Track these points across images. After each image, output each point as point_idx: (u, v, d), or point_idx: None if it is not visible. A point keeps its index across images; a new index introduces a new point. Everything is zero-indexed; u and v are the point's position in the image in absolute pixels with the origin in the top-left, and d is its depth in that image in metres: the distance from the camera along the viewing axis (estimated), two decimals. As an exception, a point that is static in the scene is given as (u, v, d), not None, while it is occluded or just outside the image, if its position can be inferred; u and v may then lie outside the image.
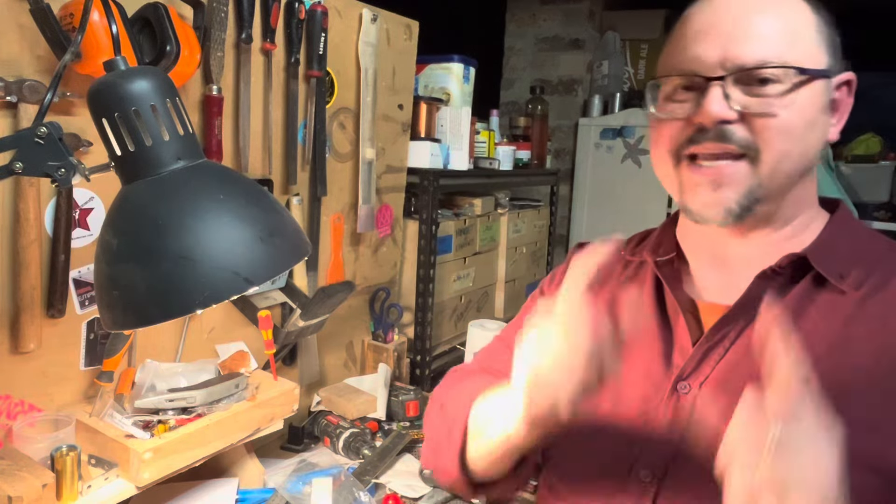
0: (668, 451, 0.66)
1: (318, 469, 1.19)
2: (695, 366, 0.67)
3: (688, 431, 0.65)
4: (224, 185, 0.59)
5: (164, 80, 0.59)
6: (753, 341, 0.50)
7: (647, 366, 0.70)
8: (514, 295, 2.16)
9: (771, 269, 0.65)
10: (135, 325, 0.55)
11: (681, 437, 0.66)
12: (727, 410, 0.63)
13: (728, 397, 0.63)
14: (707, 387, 0.66)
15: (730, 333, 0.66)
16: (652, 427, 0.67)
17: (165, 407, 0.99)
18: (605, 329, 0.56)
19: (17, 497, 0.79)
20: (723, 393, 0.64)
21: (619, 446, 0.69)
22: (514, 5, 2.99)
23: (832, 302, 0.64)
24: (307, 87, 1.31)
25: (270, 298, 1.29)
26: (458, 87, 1.84)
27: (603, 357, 0.56)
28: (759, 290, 0.65)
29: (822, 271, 0.64)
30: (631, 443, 0.68)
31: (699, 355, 0.67)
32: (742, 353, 0.65)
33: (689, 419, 0.66)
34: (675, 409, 0.66)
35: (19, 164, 0.59)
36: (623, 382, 0.70)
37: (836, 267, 0.65)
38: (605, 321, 0.56)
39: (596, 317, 0.56)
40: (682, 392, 0.67)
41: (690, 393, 0.66)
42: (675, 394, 0.67)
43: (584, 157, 2.85)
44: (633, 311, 0.74)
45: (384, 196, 1.60)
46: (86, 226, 0.99)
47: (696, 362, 0.67)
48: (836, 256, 0.66)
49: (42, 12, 0.83)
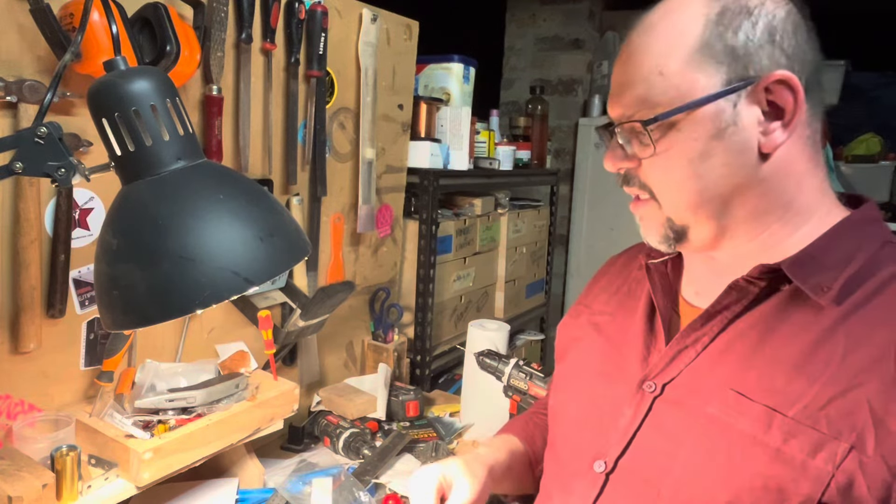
0: (621, 446, 0.68)
1: (318, 469, 1.19)
2: (663, 366, 0.68)
3: (641, 430, 0.67)
4: (224, 185, 0.59)
5: (164, 80, 0.59)
6: None
7: (629, 364, 0.73)
8: (514, 295, 2.16)
9: (744, 279, 0.64)
10: (135, 325, 0.55)
11: (634, 434, 0.68)
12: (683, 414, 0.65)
13: (689, 400, 0.65)
14: (671, 388, 0.67)
15: (702, 338, 0.67)
16: (616, 422, 0.70)
17: (165, 407, 0.99)
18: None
19: (17, 497, 0.79)
20: (685, 396, 0.65)
21: (589, 437, 0.73)
22: (514, 5, 2.99)
23: (808, 317, 0.61)
24: (307, 87, 1.31)
25: (270, 298, 1.29)
26: (458, 87, 1.84)
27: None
28: (729, 299, 0.65)
29: (798, 283, 0.61)
30: (598, 434, 0.71)
31: (668, 357, 0.68)
32: (713, 357, 0.65)
33: (645, 418, 0.68)
34: (637, 406, 0.69)
35: (19, 164, 0.59)
36: (607, 378, 0.75)
37: (821, 278, 0.61)
38: None
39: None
40: (646, 390, 0.68)
41: (653, 392, 0.68)
42: (640, 391, 0.69)
43: (584, 157, 2.85)
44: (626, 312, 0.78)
45: (384, 196, 1.60)
46: (86, 226, 0.99)
47: (665, 363, 0.68)
48: (823, 266, 0.62)
49: (42, 12, 0.83)
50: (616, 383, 0.72)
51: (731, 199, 0.64)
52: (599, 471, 0.69)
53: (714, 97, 0.61)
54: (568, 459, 0.76)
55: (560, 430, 0.80)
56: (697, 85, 0.62)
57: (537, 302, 2.38)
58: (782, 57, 0.61)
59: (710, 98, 0.61)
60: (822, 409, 0.56)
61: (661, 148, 0.63)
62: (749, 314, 0.65)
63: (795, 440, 0.56)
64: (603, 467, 0.69)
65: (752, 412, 0.59)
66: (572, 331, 0.86)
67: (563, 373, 0.85)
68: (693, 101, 0.61)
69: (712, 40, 0.61)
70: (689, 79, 0.62)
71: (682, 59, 0.62)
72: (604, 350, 0.78)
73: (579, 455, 0.73)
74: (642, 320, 0.74)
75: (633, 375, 0.71)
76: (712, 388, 0.63)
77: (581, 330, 0.84)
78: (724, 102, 0.61)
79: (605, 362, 0.76)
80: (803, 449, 0.56)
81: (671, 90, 0.62)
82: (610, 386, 0.73)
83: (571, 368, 0.83)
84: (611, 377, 0.74)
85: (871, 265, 0.62)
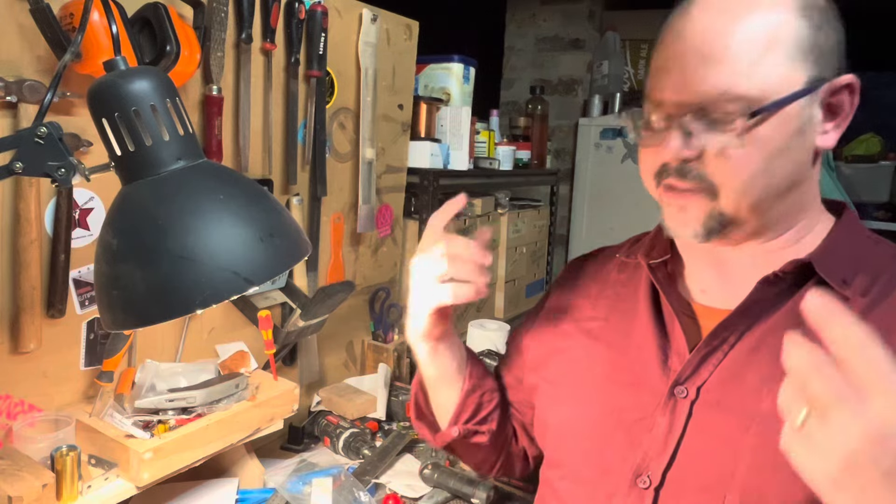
0: (666, 457, 0.65)
1: (318, 469, 1.19)
2: (692, 370, 0.66)
3: (686, 437, 0.65)
4: (224, 185, 0.59)
5: (164, 80, 0.59)
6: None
7: (645, 370, 0.70)
8: (514, 295, 2.16)
9: (774, 275, 0.64)
10: (135, 325, 0.55)
11: (678, 443, 0.65)
12: (732, 415, 0.62)
13: (733, 401, 0.63)
14: (706, 391, 0.65)
15: (729, 338, 0.66)
16: (650, 432, 0.67)
17: (165, 407, 0.99)
18: (458, 250, 0.69)
19: (17, 497, 0.79)
20: (726, 396, 0.64)
21: (617, 453, 0.69)
22: (514, 5, 2.99)
23: None
24: (307, 87, 1.31)
25: (270, 298, 1.29)
26: (458, 87, 1.84)
27: (455, 275, 0.69)
28: (760, 295, 0.65)
29: (825, 277, 0.63)
30: (629, 449, 0.68)
31: (697, 360, 0.67)
32: (743, 356, 0.65)
33: (687, 424, 0.65)
34: (673, 413, 0.66)
35: (19, 164, 0.59)
36: (622, 387, 0.71)
37: (840, 273, 0.63)
38: (458, 244, 0.70)
39: (450, 241, 0.69)
40: (679, 396, 0.66)
41: (688, 397, 0.66)
42: (672, 398, 0.66)
43: (584, 157, 2.85)
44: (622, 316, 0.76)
45: (384, 196, 1.60)
46: (86, 226, 0.99)
47: (694, 366, 0.66)
48: (840, 262, 0.64)
49: (42, 12, 0.83)
50: (637, 392, 0.70)
51: (784, 195, 0.65)
52: (644, 487, 0.66)
53: (802, 94, 0.61)
54: (597, 479, 0.71)
55: (572, 448, 0.75)
56: (790, 80, 0.60)
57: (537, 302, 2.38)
58: (843, 60, 0.63)
59: (798, 94, 0.60)
60: None
61: (746, 139, 0.61)
62: (776, 310, 0.65)
63: None
64: (648, 483, 0.66)
65: None
66: (552, 340, 0.82)
67: (552, 382, 0.81)
68: (786, 96, 0.60)
69: (805, 36, 0.61)
70: (784, 73, 0.60)
71: (788, 46, 0.60)
72: (607, 357, 0.75)
73: (612, 473, 0.69)
74: (649, 323, 0.72)
75: (655, 382, 0.68)
76: (754, 385, 0.62)
77: (566, 338, 0.80)
78: (806, 101, 0.61)
79: (614, 370, 0.73)
80: None
81: (764, 83, 0.60)
82: (630, 395, 0.70)
83: (565, 378, 0.79)
84: (628, 385, 0.71)
85: (877, 262, 0.65)
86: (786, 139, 0.61)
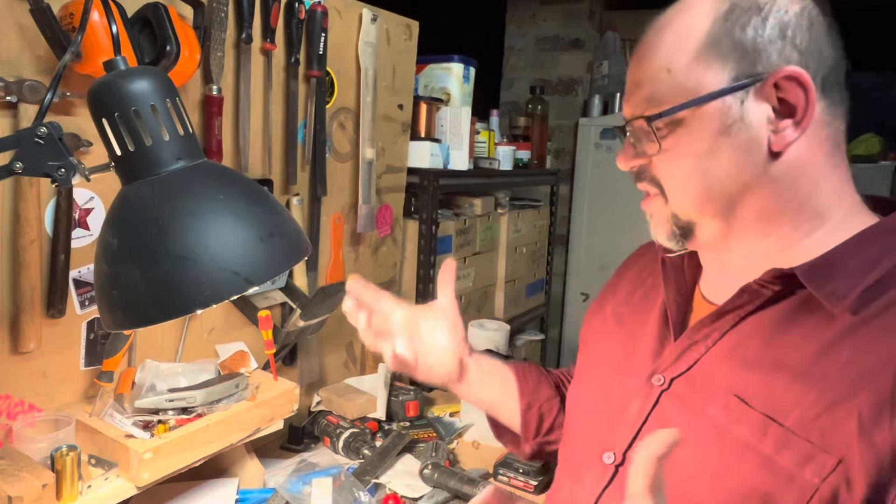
0: (629, 438, 0.69)
1: (318, 469, 1.19)
2: (672, 361, 0.68)
3: (647, 423, 0.68)
4: (224, 185, 0.59)
5: (164, 80, 0.59)
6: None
7: (641, 357, 0.73)
8: (514, 295, 2.16)
9: (756, 283, 0.63)
10: (135, 325, 0.55)
11: (640, 426, 0.69)
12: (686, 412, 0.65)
13: (692, 398, 0.65)
14: (678, 383, 0.67)
15: (711, 335, 0.66)
16: (625, 414, 0.71)
17: (165, 407, 0.99)
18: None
19: (17, 497, 0.79)
20: (690, 392, 0.66)
21: (600, 428, 0.74)
22: (514, 5, 2.99)
23: (818, 324, 0.59)
24: (307, 87, 1.31)
25: (270, 298, 1.29)
26: (458, 87, 1.84)
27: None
28: (739, 300, 0.64)
29: (811, 290, 0.59)
30: (608, 426, 0.72)
31: (678, 351, 0.68)
32: (718, 358, 0.65)
33: (652, 411, 0.68)
34: (645, 399, 0.69)
35: (19, 164, 0.59)
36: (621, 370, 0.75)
37: (837, 285, 0.59)
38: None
39: None
40: (655, 384, 0.69)
41: (661, 386, 0.68)
42: (648, 384, 0.69)
43: (584, 157, 2.85)
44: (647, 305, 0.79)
45: (384, 196, 1.60)
46: (86, 226, 0.99)
47: (675, 357, 0.68)
48: (843, 273, 0.59)
49: (42, 12, 0.83)
50: (629, 376, 0.73)
51: (739, 197, 0.63)
52: (609, 462, 0.70)
53: (719, 94, 0.60)
54: (580, 449, 0.77)
55: (574, 420, 0.81)
56: (704, 81, 0.61)
57: (537, 302, 2.39)
58: (794, 53, 0.59)
59: (715, 94, 0.60)
60: (816, 418, 0.56)
61: (667, 144, 0.64)
62: (759, 315, 0.64)
63: (787, 451, 0.56)
64: (612, 459, 0.70)
65: (750, 419, 0.59)
66: (595, 321, 0.86)
67: (582, 362, 0.86)
68: (698, 97, 0.61)
69: (720, 36, 0.60)
70: (696, 75, 0.61)
71: (689, 56, 0.62)
72: (623, 342, 0.78)
73: (590, 445, 0.73)
74: (658, 314, 0.74)
75: (644, 368, 0.71)
76: (716, 389, 0.63)
77: (603, 321, 0.84)
78: (730, 99, 0.60)
79: (625, 356, 0.76)
80: (793, 460, 0.56)
81: (678, 87, 0.62)
82: (623, 378, 0.74)
83: (591, 359, 0.84)
84: (625, 369, 0.74)
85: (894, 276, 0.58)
86: (710, 140, 0.62)
